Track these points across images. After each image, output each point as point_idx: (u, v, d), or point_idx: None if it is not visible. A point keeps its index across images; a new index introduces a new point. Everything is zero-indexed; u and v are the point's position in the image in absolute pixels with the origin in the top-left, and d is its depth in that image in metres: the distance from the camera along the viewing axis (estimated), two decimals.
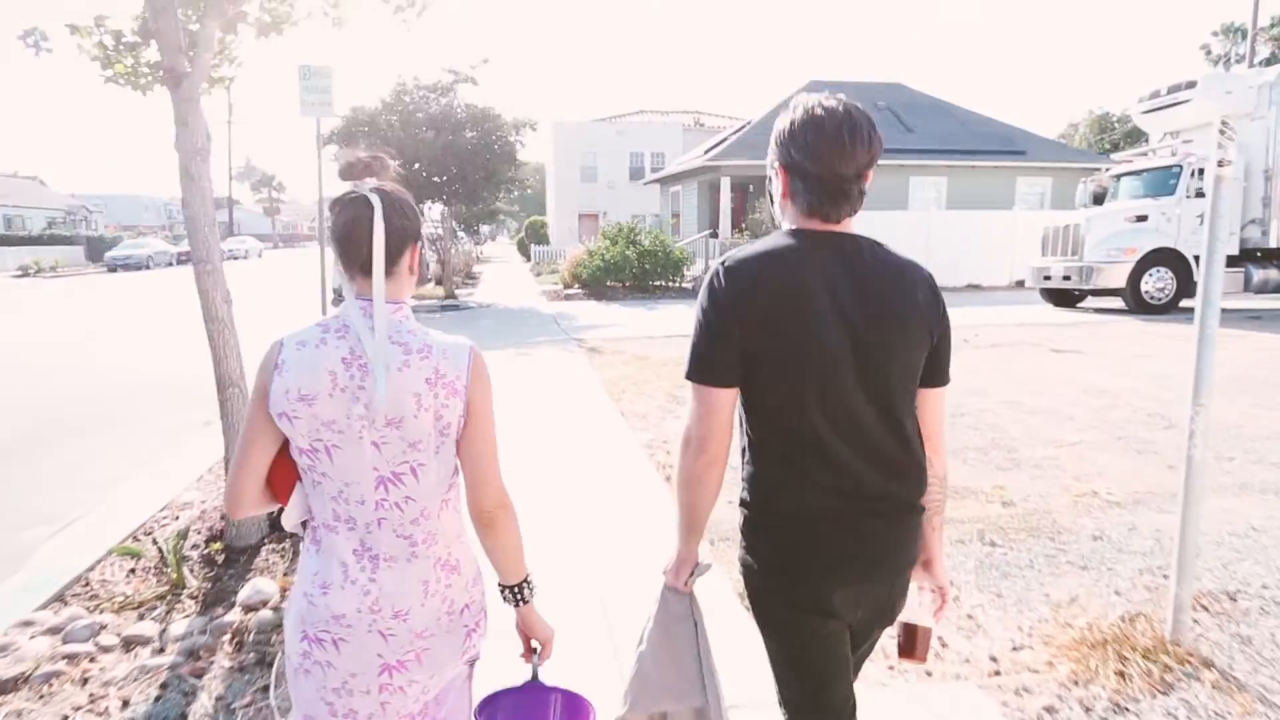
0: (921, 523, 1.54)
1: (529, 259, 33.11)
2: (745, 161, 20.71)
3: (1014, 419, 6.14)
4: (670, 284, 18.20)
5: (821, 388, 1.39)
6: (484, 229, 43.29)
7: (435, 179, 17.52)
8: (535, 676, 1.57)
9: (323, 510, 1.40)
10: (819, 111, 1.43)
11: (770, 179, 1.54)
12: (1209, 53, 60.05)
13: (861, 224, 1.50)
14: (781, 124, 1.48)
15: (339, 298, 18.80)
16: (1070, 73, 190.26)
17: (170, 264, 37.72)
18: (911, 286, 1.48)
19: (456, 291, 18.66)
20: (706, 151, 23.26)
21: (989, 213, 20.21)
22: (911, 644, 1.65)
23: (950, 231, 19.00)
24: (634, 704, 1.63)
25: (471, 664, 1.55)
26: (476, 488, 1.44)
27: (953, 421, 6.05)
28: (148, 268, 35.28)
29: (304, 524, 1.45)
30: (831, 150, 1.41)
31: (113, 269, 34.75)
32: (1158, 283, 12.86)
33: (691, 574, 1.60)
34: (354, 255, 1.36)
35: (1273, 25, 56.60)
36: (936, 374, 1.54)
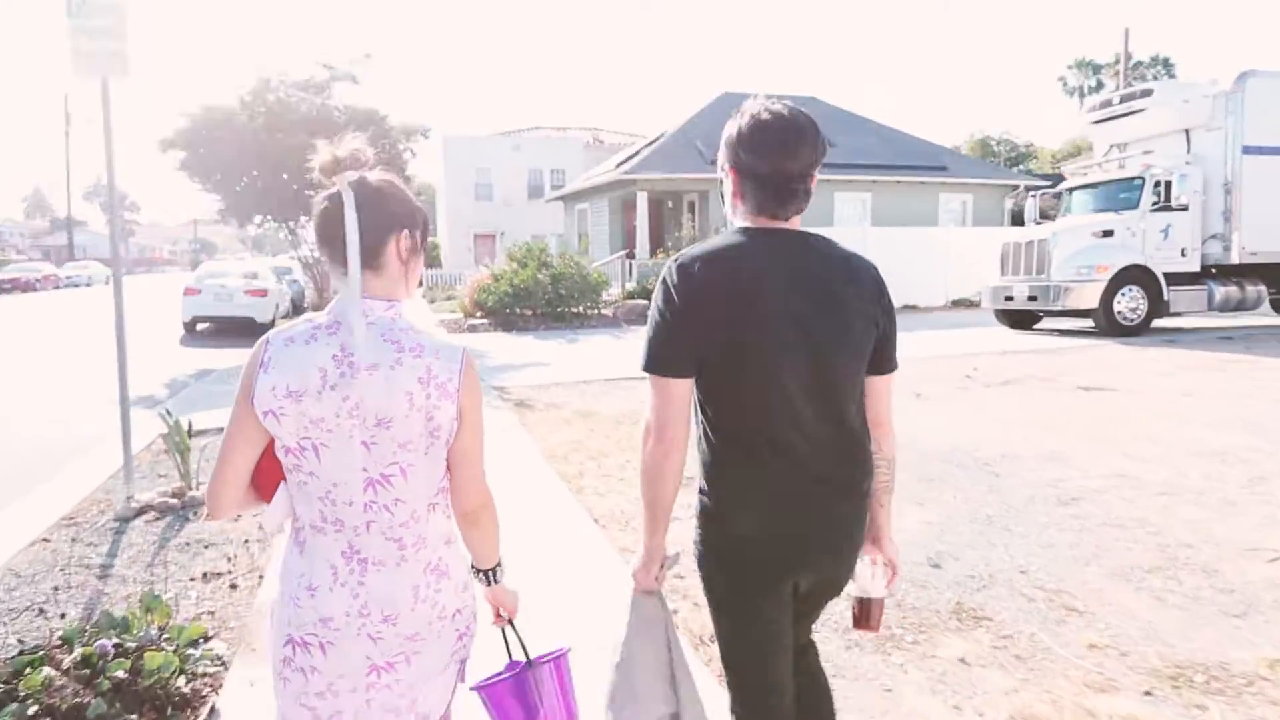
0: (868, 506, 1.63)
1: (420, 284, 30.20)
2: (662, 175, 18.99)
3: (1149, 505, 4.41)
4: (589, 310, 16.08)
5: (772, 378, 1.47)
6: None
7: (309, 192, 14.74)
8: (509, 653, 1.61)
9: (309, 511, 1.37)
10: (765, 115, 1.52)
11: (721, 181, 1.62)
12: (1065, 84, 64.17)
13: None
14: (731, 128, 1.56)
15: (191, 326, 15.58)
16: (940, 98, 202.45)
17: None
18: (857, 278, 1.57)
19: None
20: (619, 165, 21.41)
21: (923, 229, 19.30)
22: (866, 616, 1.70)
23: (884, 249, 17.77)
24: (614, 716, 1.64)
25: (462, 663, 1.51)
26: (462, 488, 1.44)
27: (1076, 515, 4.26)
28: None
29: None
30: (778, 151, 1.50)
31: None
32: (1130, 302, 11.86)
33: (662, 567, 1.64)
34: (334, 251, 1.36)
35: (1116, 61, 61.06)
36: (884, 362, 1.62)
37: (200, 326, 15.95)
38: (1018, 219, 22.55)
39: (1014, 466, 5.19)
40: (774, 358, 1.46)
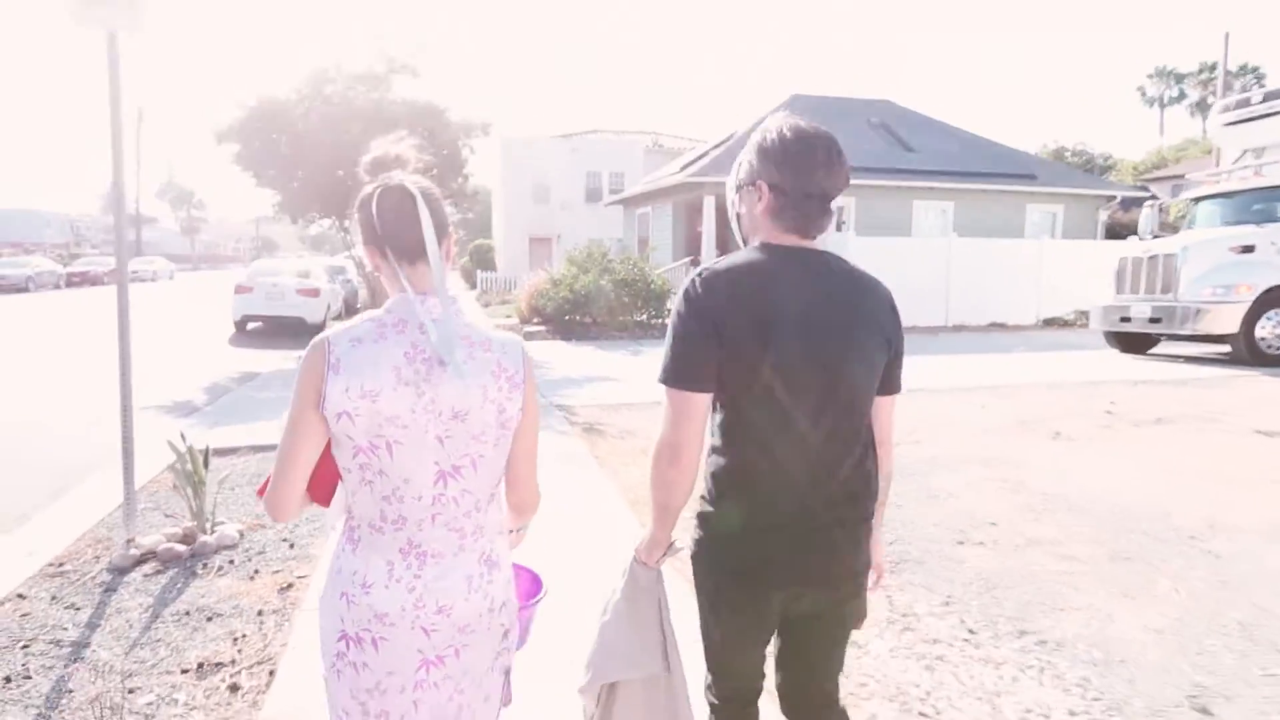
0: (870, 529, 1.65)
1: (474, 286, 29.67)
2: (722, 178, 17.91)
3: None
4: (652, 320, 15.11)
5: (786, 394, 1.48)
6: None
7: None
8: None
9: (369, 510, 1.38)
10: (792, 135, 1.53)
11: (738, 197, 1.64)
12: (1144, 94, 61.18)
13: (873, 250, 5.76)
14: (765, 142, 1.55)
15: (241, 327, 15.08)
16: (1010, 107, 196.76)
17: (57, 286, 33.03)
18: (874, 300, 1.59)
19: None
20: (684, 167, 20.42)
21: (1013, 241, 17.86)
22: None
23: (971, 261, 16.52)
24: (594, 674, 1.73)
25: (506, 673, 1.54)
26: (518, 484, 1.50)
27: None
28: (27, 289, 30.56)
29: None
30: (814, 168, 1.52)
31: None
32: (1276, 328, 10.39)
33: (664, 555, 1.69)
34: (400, 246, 1.36)
35: (1200, 71, 57.93)
36: (892, 383, 1.65)
37: (251, 326, 15.48)
38: (1112, 233, 20.96)
39: (1234, 543, 4.03)
40: (784, 377, 1.48)
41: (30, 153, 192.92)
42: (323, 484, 1.41)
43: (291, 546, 4.01)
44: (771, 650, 1.76)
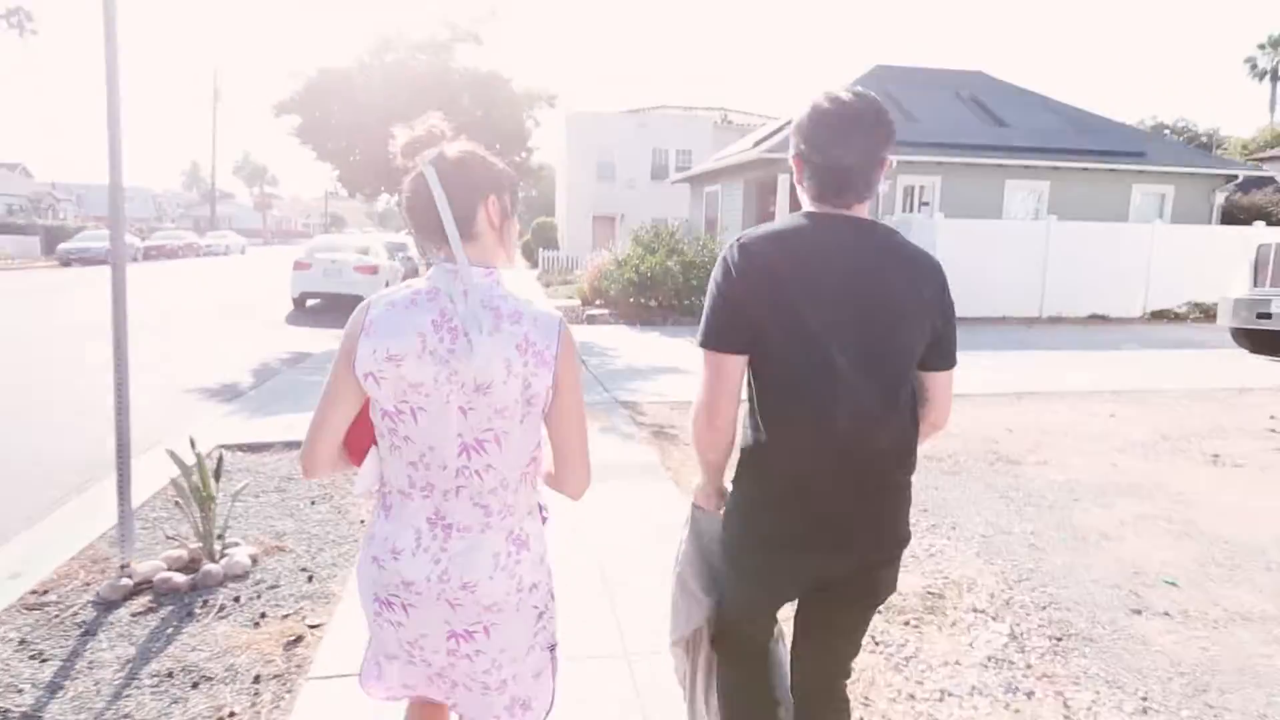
0: (907, 499, 1.64)
1: (536, 265, 29.18)
2: None
3: None
4: None
5: (818, 362, 1.48)
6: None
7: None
8: None
9: (398, 476, 1.40)
10: (825, 105, 1.53)
11: (791, 168, 1.64)
12: (1254, 66, 56.58)
13: (961, 233, 6.18)
14: (795, 117, 1.59)
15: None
16: (1107, 81, 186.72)
17: (134, 259, 33.87)
18: (917, 275, 1.56)
19: None
20: (757, 143, 19.34)
21: (1119, 226, 16.32)
22: None
23: (1071, 247, 15.10)
24: (680, 622, 1.81)
25: (552, 649, 1.54)
26: (564, 467, 1.46)
27: None
28: (106, 262, 31.28)
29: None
30: (831, 140, 1.52)
31: (66, 262, 30.87)
32: None
33: (722, 497, 1.75)
34: (424, 229, 1.39)
35: None
36: (943, 358, 1.64)
37: (310, 303, 15.20)
38: (1229, 217, 19.08)
39: None
40: (821, 341, 1.48)
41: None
42: (359, 445, 1.44)
43: (310, 579, 3.38)
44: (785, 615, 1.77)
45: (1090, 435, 6.07)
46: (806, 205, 1.60)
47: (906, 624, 3.13)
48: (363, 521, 4.12)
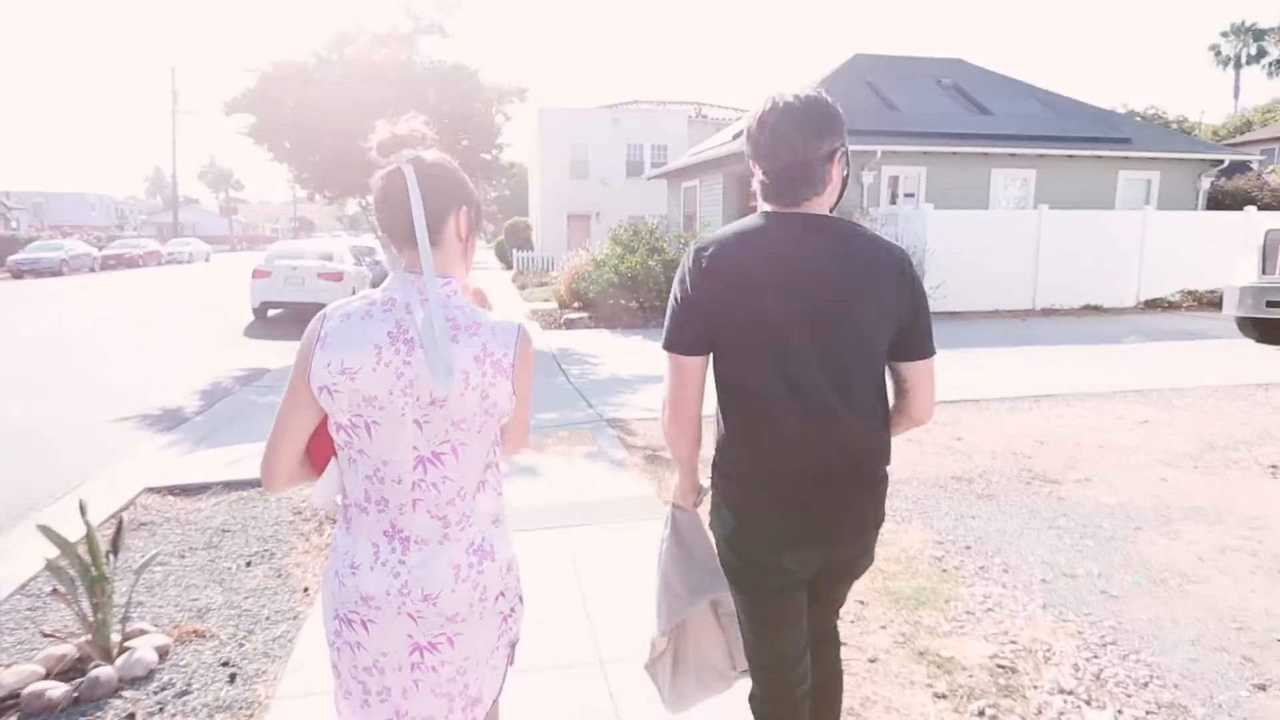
0: (882, 490, 1.65)
1: (510, 266, 28.39)
2: None
3: None
4: None
5: (775, 359, 1.52)
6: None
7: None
8: None
9: (355, 489, 1.38)
10: (767, 107, 1.56)
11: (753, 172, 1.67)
12: (1218, 53, 57.02)
13: (952, 224, 6.34)
14: (746, 120, 1.63)
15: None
16: (1074, 72, 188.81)
17: (92, 269, 32.58)
18: (876, 267, 1.56)
19: None
20: (736, 136, 18.75)
21: (1113, 213, 15.94)
22: None
23: (1062, 236, 14.66)
24: (665, 617, 1.83)
25: (512, 646, 1.52)
26: (508, 443, 1.49)
27: None
28: (60, 273, 30.10)
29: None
30: (774, 140, 1.55)
31: (18, 274, 29.55)
32: None
33: (700, 493, 1.81)
34: (393, 229, 1.38)
35: None
36: (916, 348, 1.64)
37: (272, 313, 14.36)
38: (1214, 202, 18.81)
39: None
40: (774, 341, 1.51)
41: (81, 138, 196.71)
42: (322, 457, 1.41)
43: (233, 679, 2.68)
44: None
45: (1127, 446, 5.51)
46: (763, 206, 1.62)
47: (981, 715, 2.50)
48: (306, 589, 3.42)
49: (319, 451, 1.40)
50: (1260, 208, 16.66)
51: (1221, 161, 18.47)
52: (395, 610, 1.35)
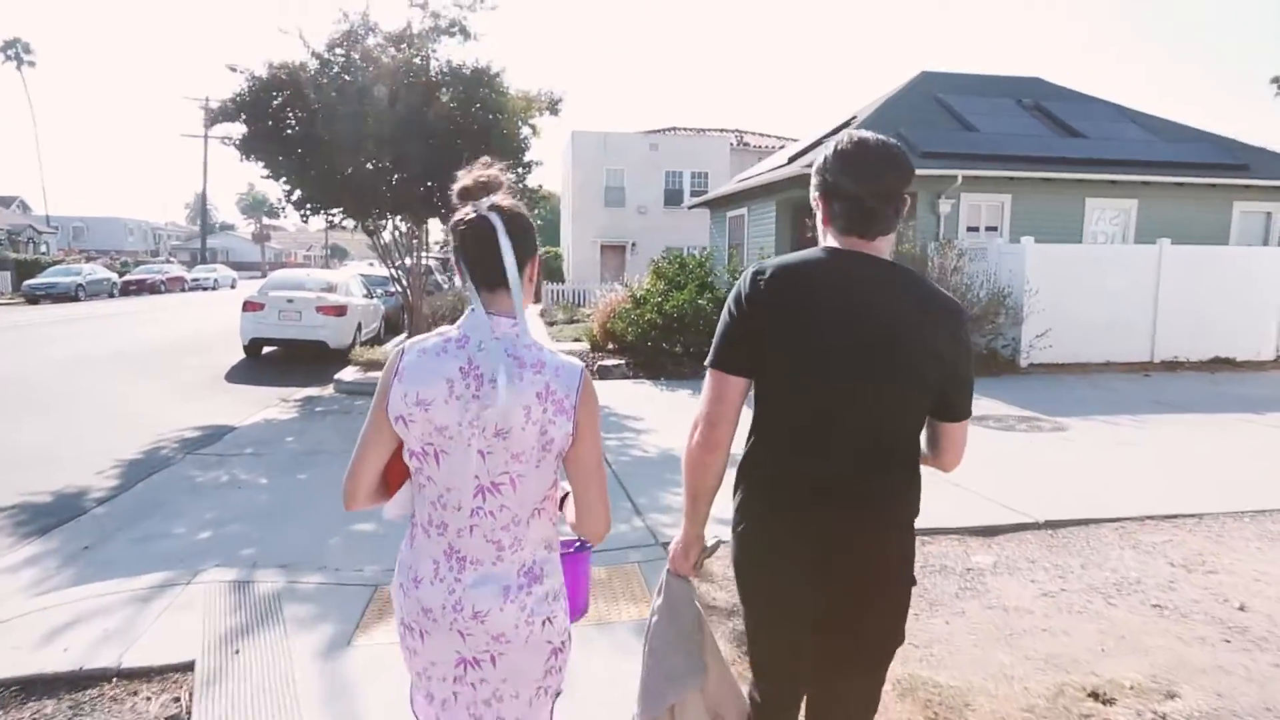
0: (908, 543, 1.64)
1: (538, 300, 26.64)
2: None
3: None
4: None
5: (816, 395, 1.54)
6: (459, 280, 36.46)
7: (397, 176, 11.04)
8: None
9: (421, 511, 1.49)
10: (846, 144, 1.61)
11: (814, 206, 1.70)
12: None
13: (1053, 260, 4.97)
14: (821, 153, 1.65)
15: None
16: (1131, 96, 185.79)
17: (111, 295, 31.54)
18: (930, 319, 1.56)
19: None
20: (793, 158, 16.84)
21: (1245, 250, 13.72)
22: None
23: (1186, 276, 12.43)
24: (649, 701, 1.77)
25: (554, 696, 1.56)
26: (583, 513, 1.50)
27: None
28: (76, 298, 29.08)
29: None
30: (851, 176, 1.58)
31: (33, 299, 28.57)
32: None
33: (702, 553, 1.75)
34: (480, 272, 1.45)
35: None
36: (952, 410, 1.63)
37: (267, 350, 12.62)
38: None
39: None
40: (820, 376, 1.53)
41: (129, 163, 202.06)
42: (398, 481, 1.54)
43: None
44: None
45: None
46: (827, 241, 1.64)
47: None
48: None
49: (395, 476, 1.52)
50: None
51: None
52: (448, 625, 1.45)
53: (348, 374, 10.44)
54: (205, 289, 38.34)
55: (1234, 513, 4.96)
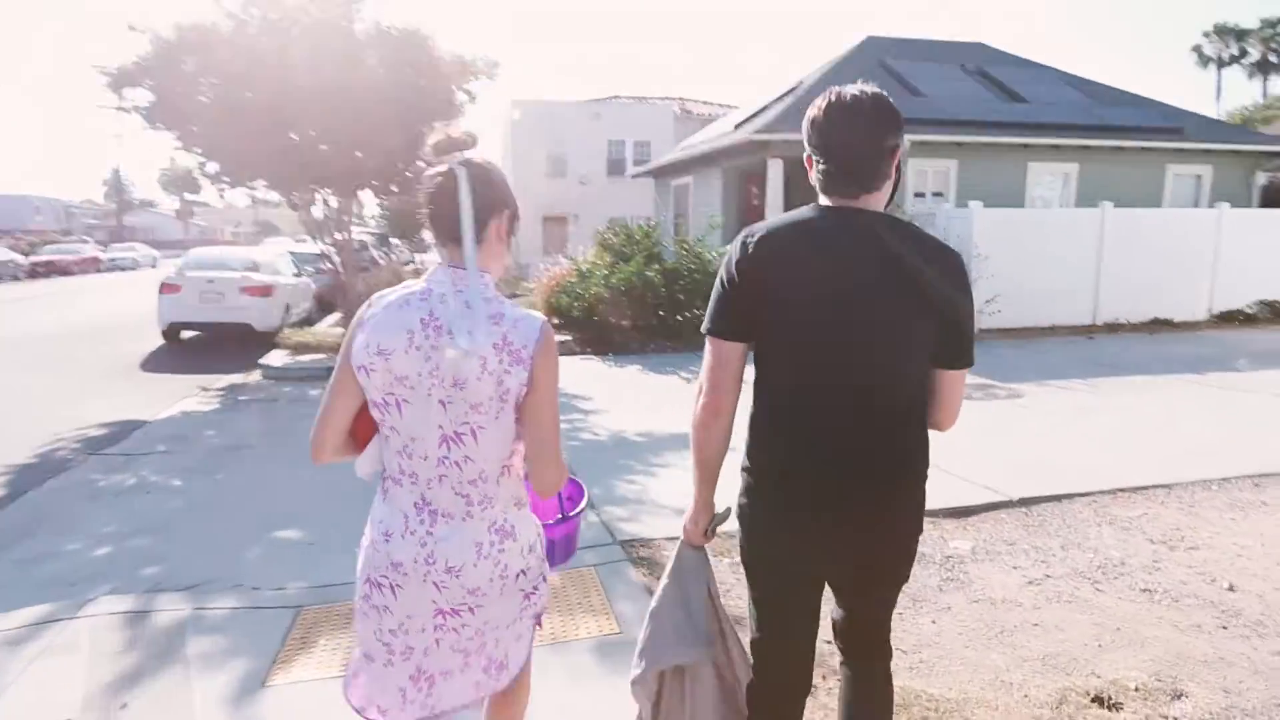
0: (917, 495, 1.64)
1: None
2: (799, 136, 13.88)
3: None
4: None
5: (811, 351, 1.55)
6: (430, 236, 35.17)
7: (323, 147, 10.29)
8: None
9: (391, 463, 1.52)
10: (830, 100, 1.57)
11: (806, 165, 1.67)
12: (1200, 54, 56.16)
13: (1002, 225, 4.49)
14: (809, 112, 1.61)
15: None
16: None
17: (16, 278, 29.52)
18: (928, 268, 1.54)
19: None
20: (740, 125, 16.45)
21: (1182, 212, 13.95)
22: None
23: (1127, 239, 12.54)
24: (647, 661, 1.77)
25: (537, 618, 1.64)
26: (537, 465, 1.51)
27: None
28: None
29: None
30: (834, 131, 1.56)
31: None
32: None
33: (711, 521, 1.75)
34: (441, 226, 1.50)
35: (1263, 27, 53.09)
36: (954, 356, 1.60)
37: (186, 335, 11.79)
38: (1268, 199, 16.90)
39: None
40: (811, 334, 1.54)
41: (31, 140, 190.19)
42: (366, 436, 1.55)
43: None
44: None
45: None
46: (821, 199, 1.62)
47: None
48: None
49: (363, 430, 1.53)
50: None
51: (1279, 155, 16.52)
52: (421, 578, 1.47)
53: (275, 358, 9.76)
54: (123, 269, 36.27)
55: (1202, 481, 4.86)
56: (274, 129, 9.94)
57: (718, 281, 1.62)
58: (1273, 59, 53.87)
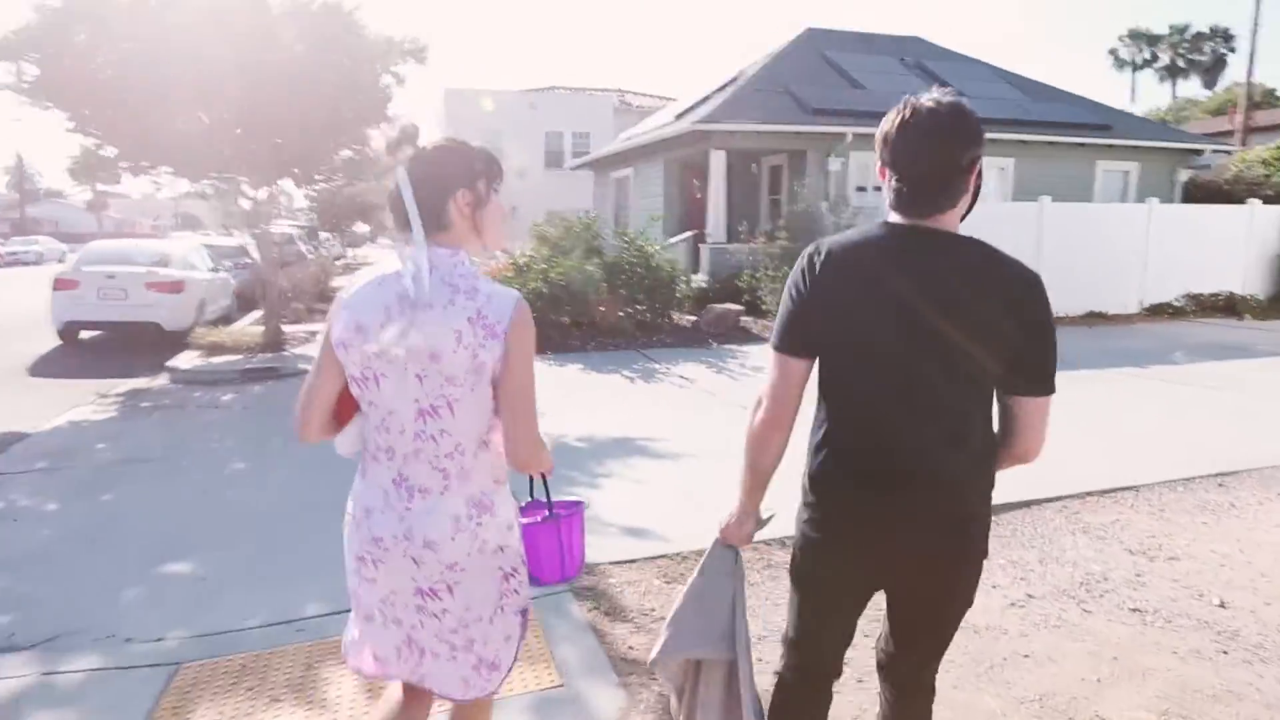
0: (979, 522, 1.58)
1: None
2: (752, 126, 13.67)
3: None
4: (659, 319, 10.86)
5: (877, 373, 1.51)
6: (362, 228, 33.83)
7: (239, 131, 9.51)
8: (531, 494, 1.79)
9: (370, 440, 1.56)
10: (906, 113, 1.48)
11: (879, 177, 1.60)
12: (1116, 57, 58.51)
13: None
14: (882, 125, 1.54)
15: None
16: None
17: None
18: (999, 291, 1.48)
19: (288, 336, 10.33)
20: (681, 115, 16.09)
21: (1115, 206, 14.13)
22: None
23: (1065, 233, 12.67)
24: (665, 647, 1.79)
25: (522, 614, 1.64)
26: (512, 441, 1.52)
27: None
28: None
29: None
30: (908, 148, 1.48)
31: None
32: None
33: (756, 525, 1.74)
34: (399, 221, 1.52)
35: (1172, 33, 55.66)
36: (1030, 381, 1.53)
37: (86, 335, 10.82)
38: (1189, 195, 17.42)
39: None
40: (877, 357, 1.50)
41: None
42: (348, 415, 1.59)
43: None
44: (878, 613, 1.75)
45: None
46: (890, 216, 1.57)
47: None
48: None
49: (346, 411, 1.57)
50: (1268, 201, 15.11)
51: (1200, 152, 17.05)
52: (401, 553, 1.50)
53: (185, 360, 8.96)
54: (26, 264, 33.92)
55: (1167, 482, 4.70)
56: (180, 109, 9.12)
57: (785, 295, 1.61)
58: (1180, 64, 56.33)
